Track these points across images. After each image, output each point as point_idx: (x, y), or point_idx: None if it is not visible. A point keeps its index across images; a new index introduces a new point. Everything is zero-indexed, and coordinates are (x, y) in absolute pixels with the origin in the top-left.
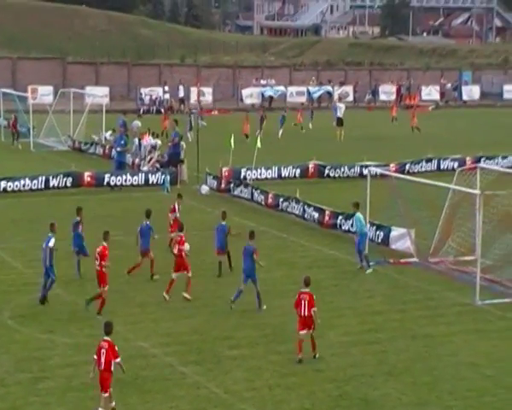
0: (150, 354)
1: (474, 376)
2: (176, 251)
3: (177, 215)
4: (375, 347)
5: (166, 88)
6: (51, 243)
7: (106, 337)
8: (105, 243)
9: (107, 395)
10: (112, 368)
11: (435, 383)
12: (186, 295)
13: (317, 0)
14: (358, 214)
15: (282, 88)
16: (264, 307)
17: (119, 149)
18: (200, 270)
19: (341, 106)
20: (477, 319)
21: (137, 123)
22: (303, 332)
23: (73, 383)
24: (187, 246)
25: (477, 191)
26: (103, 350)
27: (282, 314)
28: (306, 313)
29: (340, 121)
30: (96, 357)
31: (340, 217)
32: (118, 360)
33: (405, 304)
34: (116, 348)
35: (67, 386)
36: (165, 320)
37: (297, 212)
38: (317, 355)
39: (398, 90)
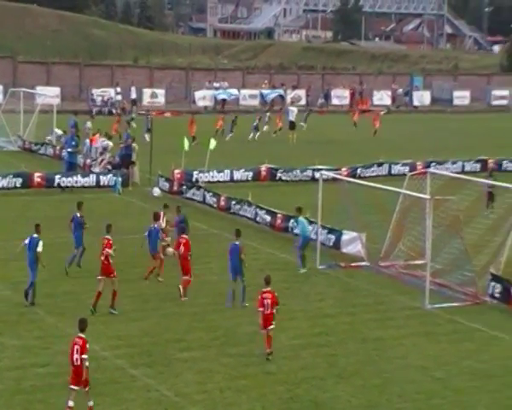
0: (101, 356)
1: (423, 378)
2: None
3: (163, 225)
4: (325, 350)
5: (118, 89)
6: (39, 248)
7: (80, 334)
8: (108, 236)
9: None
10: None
11: (385, 385)
12: (184, 298)
13: (270, 3)
14: (301, 218)
15: (235, 91)
16: (247, 304)
17: (69, 149)
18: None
19: (293, 109)
20: (426, 322)
21: (89, 124)
22: (264, 331)
23: (22, 385)
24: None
25: (427, 196)
26: (77, 347)
27: (234, 317)
28: (269, 311)
29: (292, 125)
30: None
31: (291, 220)
32: (84, 356)
33: (356, 307)
34: (87, 345)
35: (16, 389)
36: (116, 323)
37: (249, 215)
38: (270, 357)
39: (353, 95)
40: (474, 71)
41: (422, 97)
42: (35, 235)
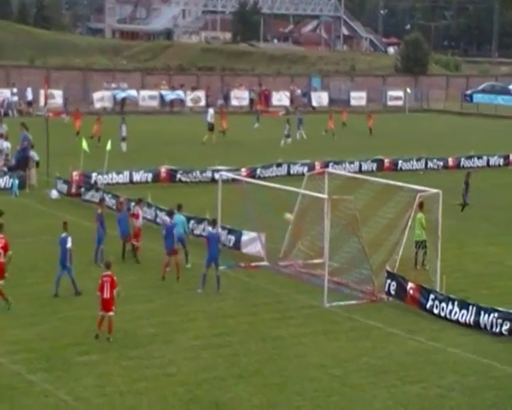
0: None
1: (322, 376)
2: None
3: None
4: (226, 350)
5: (15, 90)
6: (69, 244)
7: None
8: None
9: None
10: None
11: (285, 384)
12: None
13: (169, 4)
14: (178, 216)
15: (133, 92)
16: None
17: None
18: (51, 275)
19: (211, 111)
20: (325, 320)
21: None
22: (102, 313)
23: None
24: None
25: (325, 196)
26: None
27: (134, 319)
28: (108, 296)
29: (210, 126)
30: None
31: (192, 221)
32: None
33: (256, 307)
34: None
35: None
36: (13, 328)
37: (149, 216)
38: (110, 338)
39: (266, 97)
40: (370, 72)
41: (320, 98)
42: (64, 234)
